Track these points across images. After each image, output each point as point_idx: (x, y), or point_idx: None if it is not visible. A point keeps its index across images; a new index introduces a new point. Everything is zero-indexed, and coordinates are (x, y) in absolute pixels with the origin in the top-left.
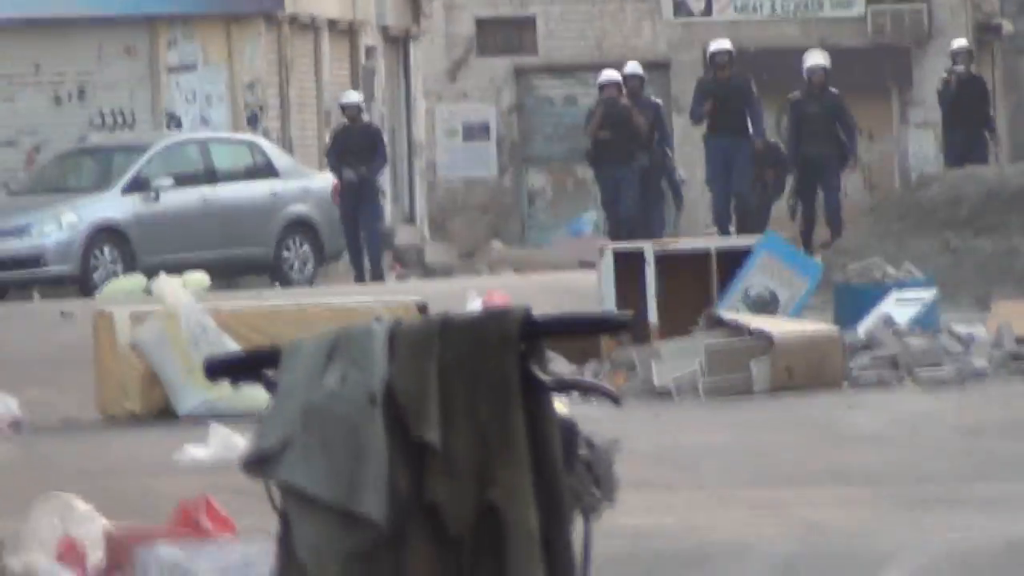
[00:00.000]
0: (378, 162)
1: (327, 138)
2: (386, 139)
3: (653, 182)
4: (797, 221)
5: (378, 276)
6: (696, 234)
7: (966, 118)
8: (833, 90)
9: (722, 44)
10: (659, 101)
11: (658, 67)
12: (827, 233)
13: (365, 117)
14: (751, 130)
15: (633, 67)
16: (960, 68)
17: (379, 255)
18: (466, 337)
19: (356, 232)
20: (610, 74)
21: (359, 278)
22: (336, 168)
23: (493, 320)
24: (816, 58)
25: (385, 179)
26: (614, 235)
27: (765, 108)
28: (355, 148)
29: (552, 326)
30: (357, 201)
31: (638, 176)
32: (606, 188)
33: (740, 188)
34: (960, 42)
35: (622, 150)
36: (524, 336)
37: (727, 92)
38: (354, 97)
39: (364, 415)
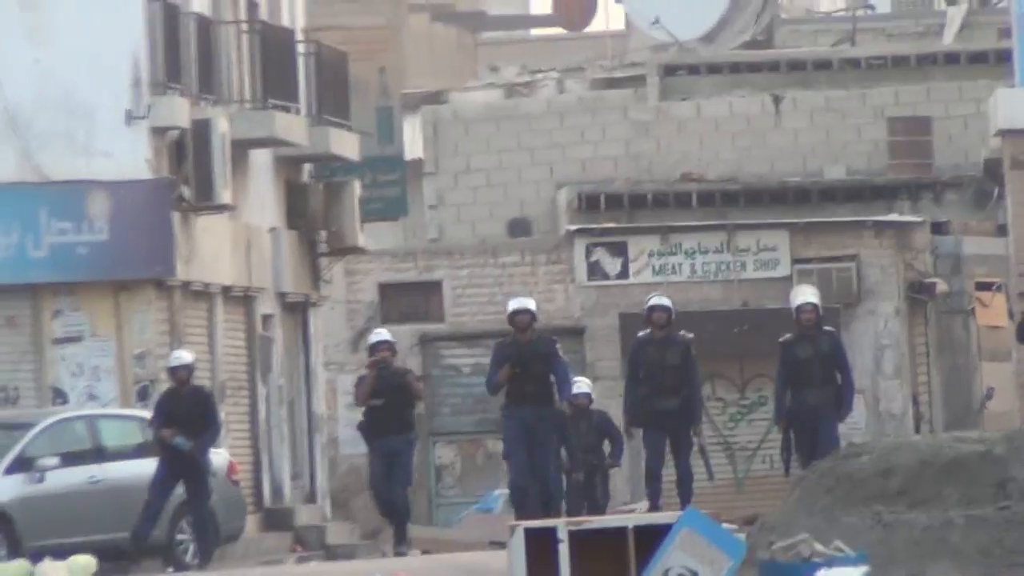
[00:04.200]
0: (210, 434)
1: (151, 405)
2: (284, 412)
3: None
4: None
5: (205, 566)
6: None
7: None
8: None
9: (525, 303)
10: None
11: (571, 333)
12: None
13: (195, 380)
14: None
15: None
16: None
17: (210, 546)
18: None
19: (161, 506)
20: (382, 333)
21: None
22: (159, 432)
23: None
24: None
25: (284, 456)
26: (386, 515)
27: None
28: (182, 416)
29: None
30: (178, 477)
31: (413, 449)
32: (375, 465)
33: (544, 464)
34: None
35: (396, 419)
36: None
37: (528, 356)
38: (186, 358)
39: None
